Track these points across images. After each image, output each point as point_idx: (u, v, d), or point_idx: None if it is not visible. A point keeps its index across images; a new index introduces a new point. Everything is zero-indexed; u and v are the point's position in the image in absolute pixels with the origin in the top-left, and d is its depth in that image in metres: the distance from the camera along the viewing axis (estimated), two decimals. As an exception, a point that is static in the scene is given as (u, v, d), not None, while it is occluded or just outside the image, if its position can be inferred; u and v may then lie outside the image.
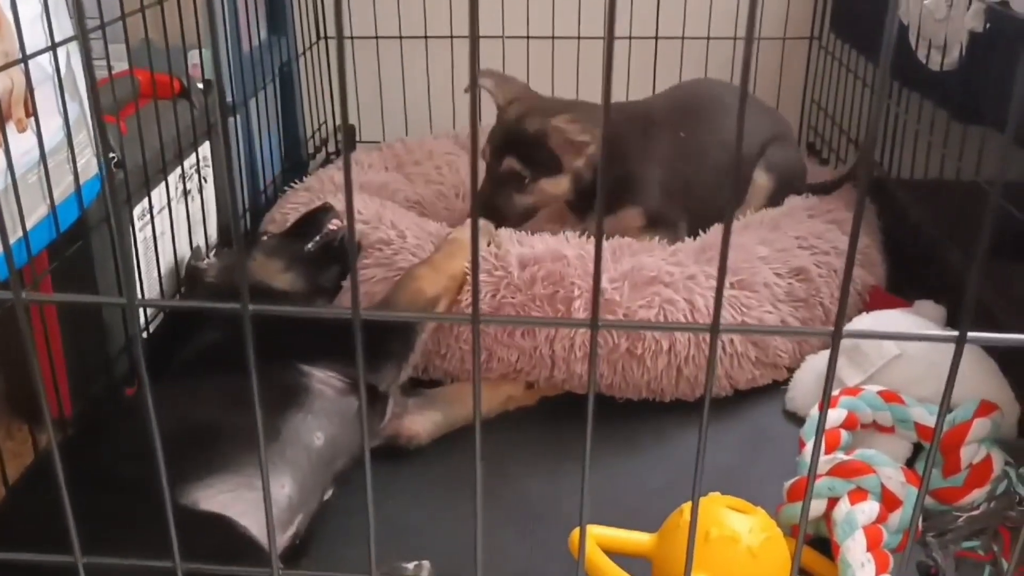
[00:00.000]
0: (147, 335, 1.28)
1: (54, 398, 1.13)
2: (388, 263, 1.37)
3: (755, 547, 0.87)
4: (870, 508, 0.95)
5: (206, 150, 1.48)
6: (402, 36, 2.01)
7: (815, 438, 0.49)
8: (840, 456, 1.01)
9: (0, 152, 0.88)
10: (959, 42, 1.29)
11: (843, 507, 0.95)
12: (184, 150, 1.36)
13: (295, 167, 1.90)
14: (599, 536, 0.93)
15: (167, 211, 1.33)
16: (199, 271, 1.30)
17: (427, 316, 1.35)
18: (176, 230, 1.37)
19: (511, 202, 1.46)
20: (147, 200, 1.26)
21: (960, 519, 1.00)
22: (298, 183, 1.71)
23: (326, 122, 2.06)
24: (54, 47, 0.96)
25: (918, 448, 1.12)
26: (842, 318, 0.45)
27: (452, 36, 1.96)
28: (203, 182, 1.47)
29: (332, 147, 2.09)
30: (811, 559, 0.98)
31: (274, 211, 1.60)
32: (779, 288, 1.36)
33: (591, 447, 0.48)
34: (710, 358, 0.46)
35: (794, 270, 1.38)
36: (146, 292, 1.28)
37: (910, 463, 1.10)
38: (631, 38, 1.89)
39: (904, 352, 1.19)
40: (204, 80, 1.47)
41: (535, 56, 1.96)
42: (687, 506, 0.91)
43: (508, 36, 1.94)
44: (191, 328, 1.15)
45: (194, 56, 1.50)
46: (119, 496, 0.82)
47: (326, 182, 1.67)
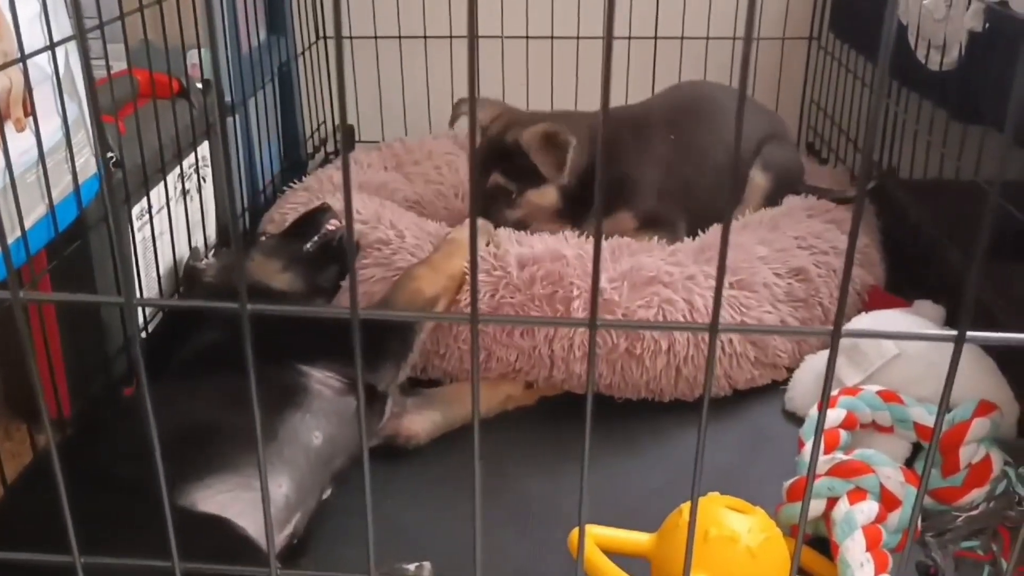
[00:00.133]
0: (146, 335, 1.28)
1: (52, 398, 1.13)
2: (387, 263, 1.37)
3: (754, 547, 0.87)
4: (869, 508, 0.95)
5: (205, 150, 1.48)
6: (401, 36, 2.01)
7: (814, 438, 0.49)
8: (839, 456, 1.01)
9: (-1, 152, 0.88)
10: (958, 42, 1.29)
11: (842, 507, 0.95)
12: (183, 150, 1.36)
13: (294, 167, 1.90)
14: (598, 536, 0.93)
15: (166, 211, 1.33)
16: (197, 271, 1.30)
17: (426, 316, 1.35)
18: (175, 230, 1.37)
19: (502, 218, 1.46)
20: (146, 200, 1.26)
21: (959, 519, 1.00)
22: (297, 183, 1.71)
23: (325, 122, 2.06)
24: (53, 47, 0.96)
25: (917, 448, 1.12)
26: (841, 318, 0.45)
27: (451, 36, 1.96)
28: (202, 182, 1.47)
29: (331, 147, 2.09)
30: (810, 559, 0.97)
31: (273, 211, 1.60)
32: (778, 288, 1.36)
33: (590, 447, 0.48)
34: (709, 358, 0.46)
35: (793, 270, 1.38)
36: (145, 292, 1.28)
37: (909, 463, 1.10)
38: (630, 38, 1.89)
39: (903, 352, 1.19)
40: (203, 80, 1.47)
41: (534, 56, 1.96)
42: (686, 506, 0.91)
43: (507, 36, 1.94)
44: (189, 328, 1.15)
45: (193, 56, 1.50)
46: (117, 496, 0.82)
47: (325, 182, 1.67)
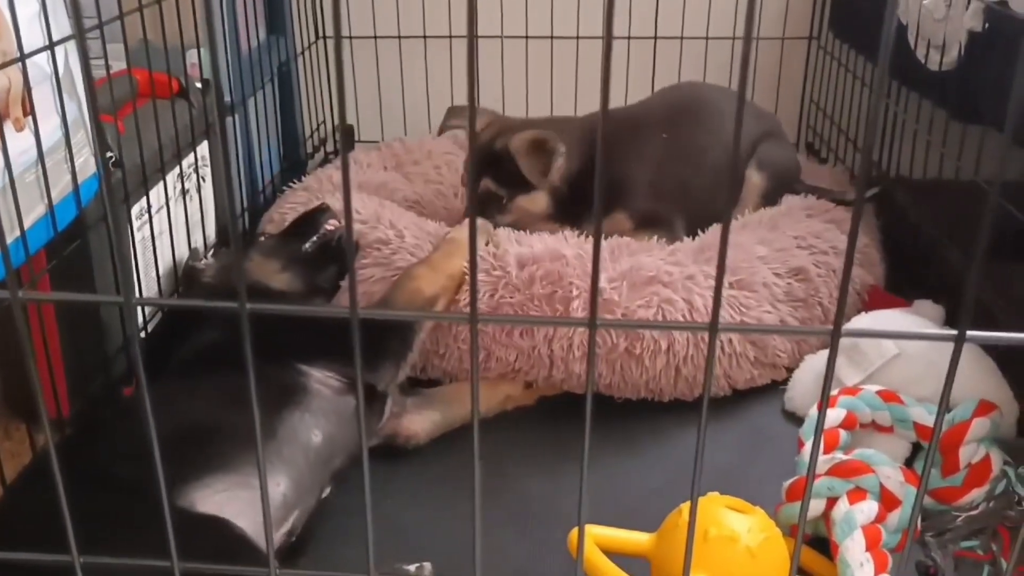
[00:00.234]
0: (145, 335, 1.28)
1: (52, 398, 1.13)
2: (386, 263, 1.37)
3: (754, 547, 0.87)
4: (869, 508, 0.95)
5: (204, 150, 1.48)
6: (401, 36, 2.00)
7: (814, 438, 0.49)
8: (839, 456, 1.01)
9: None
10: (958, 41, 1.29)
11: (842, 507, 0.95)
12: (182, 150, 1.35)
13: (293, 167, 1.90)
14: (598, 536, 0.93)
15: (165, 211, 1.33)
16: (196, 271, 1.30)
17: (425, 315, 1.35)
18: (174, 230, 1.37)
19: (492, 223, 1.45)
20: (145, 200, 1.26)
21: (959, 519, 1.00)
22: (296, 183, 1.71)
23: (325, 122, 2.06)
24: (52, 46, 0.96)
25: (917, 447, 1.12)
26: (841, 317, 0.45)
27: (451, 36, 1.96)
28: (201, 182, 1.47)
29: (331, 147, 2.09)
30: (810, 559, 0.97)
31: (272, 211, 1.60)
32: (778, 288, 1.36)
33: (590, 447, 0.48)
34: (708, 357, 0.46)
35: (793, 270, 1.38)
36: (144, 292, 1.28)
37: (909, 463, 1.10)
38: (630, 38, 1.89)
39: (903, 352, 1.19)
40: (202, 80, 1.47)
41: (534, 56, 1.96)
42: (686, 506, 0.91)
43: (507, 36, 1.94)
44: (189, 328, 1.15)
45: (192, 56, 1.50)
46: (116, 496, 0.82)
47: (324, 182, 1.67)
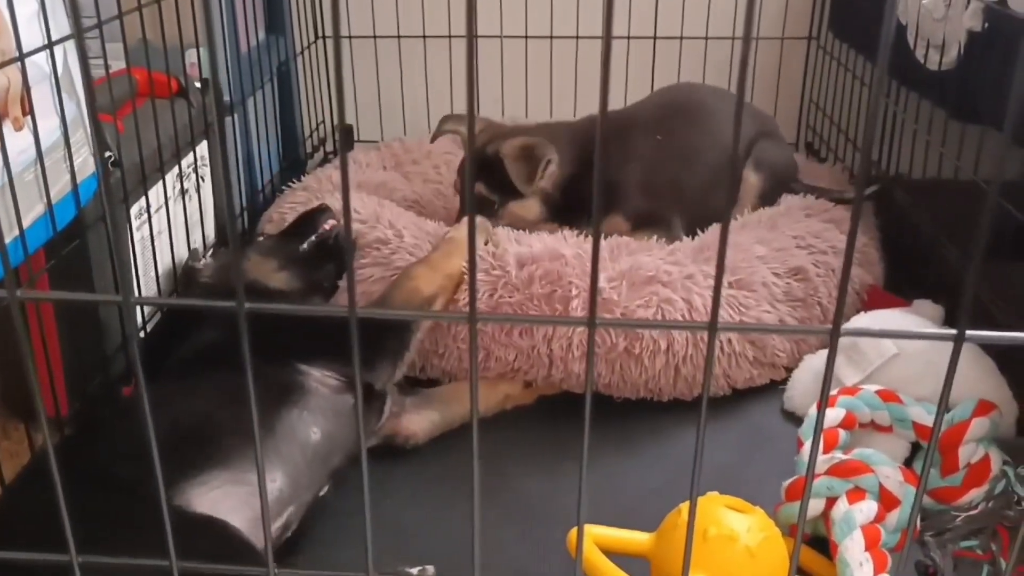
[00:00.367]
0: (144, 335, 1.28)
1: (50, 397, 1.13)
2: (385, 262, 1.37)
3: (753, 546, 0.87)
4: (868, 507, 0.95)
5: (204, 149, 1.47)
6: (400, 36, 2.00)
7: (813, 437, 0.49)
8: (838, 455, 1.01)
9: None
10: (957, 41, 1.29)
11: (841, 506, 0.95)
12: (181, 149, 1.35)
13: (293, 166, 1.90)
14: (597, 535, 0.93)
15: (164, 210, 1.32)
16: (195, 271, 1.30)
17: (424, 315, 1.35)
18: (173, 229, 1.36)
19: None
20: (144, 199, 1.26)
21: (958, 518, 1.00)
22: (296, 182, 1.71)
23: (324, 121, 2.06)
24: (51, 45, 0.96)
25: (916, 447, 1.12)
26: (840, 317, 0.45)
27: (450, 36, 1.96)
28: (200, 181, 1.47)
29: (330, 146, 2.09)
30: (809, 558, 0.97)
31: (272, 210, 1.60)
32: (777, 288, 1.36)
33: (589, 447, 0.48)
34: (708, 356, 0.46)
35: (792, 269, 1.38)
36: (143, 291, 1.28)
37: (908, 462, 1.10)
38: (629, 38, 1.89)
39: (902, 351, 1.19)
40: (201, 79, 1.47)
41: (533, 56, 1.96)
42: (685, 505, 0.91)
43: (506, 36, 1.94)
44: (187, 328, 1.15)
45: (192, 55, 1.50)
46: (114, 496, 0.82)
47: (324, 181, 1.67)
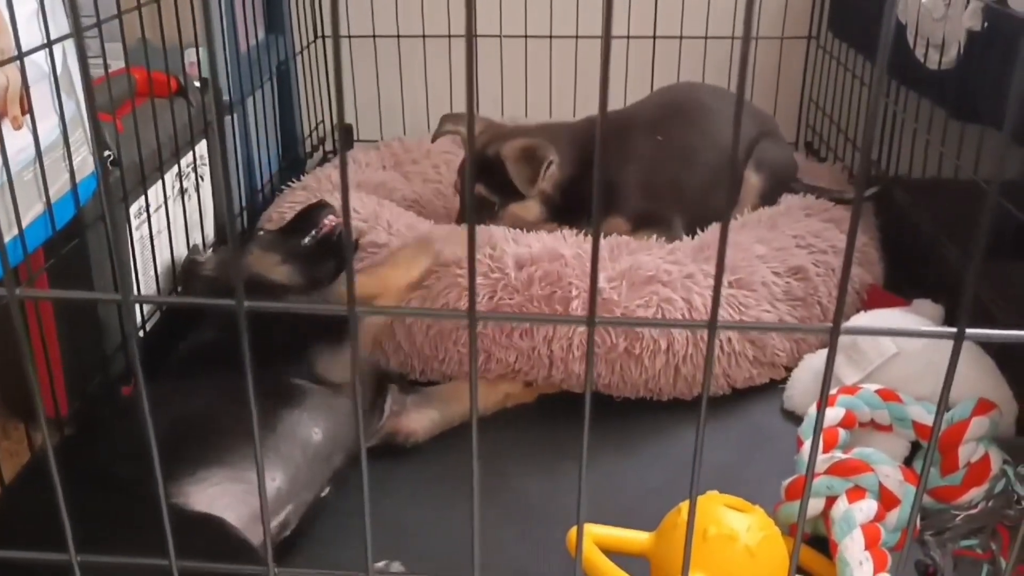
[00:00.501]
0: (143, 334, 1.27)
1: (50, 397, 1.13)
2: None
3: (753, 546, 0.87)
4: (868, 506, 0.94)
5: (203, 148, 1.47)
6: (400, 35, 2.00)
7: (813, 436, 0.49)
8: (838, 455, 1.00)
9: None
10: (957, 41, 1.29)
11: (841, 505, 0.95)
12: (181, 148, 1.35)
13: (292, 166, 1.90)
14: (597, 535, 0.93)
15: (164, 210, 1.32)
16: (197, 264, 1.30)
17: (423, 312, 1.35)
18: (173, 229, 1.36)
19: None
20: (144, 199, 1.26)
21: (958, 518, 1.00)
22: (295, 182, 1.71)
23: (323, 121, 2.06)
24: (50, 44, 0.96)
25: (916, 446, 1.12)
26: (840, 315, 0.45)
27: (450, 35, 1.95)
28: (200, 181, 1.47)
29: (329, 146, 2.09)
30: (809, 558, 0.97)
31: (271, 210, 1.60)
32: (777, 287, 1.36)
33: (589, 446, 0.48)
34: (708, 355, 0.46)
35: (792, 269, 1.38)
36: (143, 291, 1.28)
37: (908, 461, 1.10)
38: (629, 37, 1.89)
39: (902, 350, 1.19)
40: (201, 78, 1.47)
41: (533, 55, 1.96)
42: (685, 504, 0.91)
43: (506, 35, 1.94)
44: (187, 324, 1.15)
45: (191, 54, 1.50)
46: (113, 495, 0.82)
47: (323, 181, 1.67)
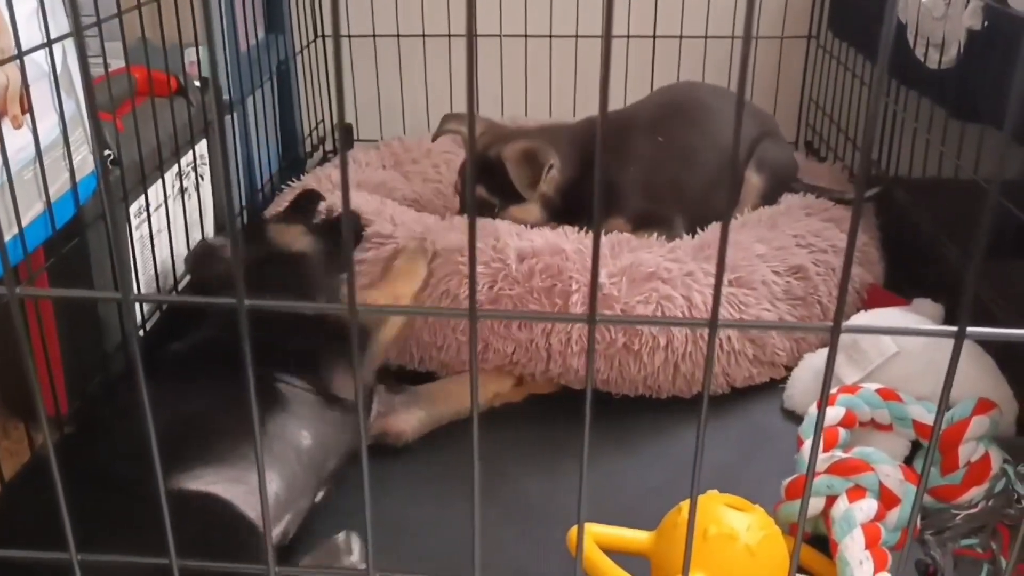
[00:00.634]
0: (143, 334, 1.27)
1: (50, 396, 1.13)
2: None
3: (753, 545, 0.87)
4: (868, 506, 0.94)
5: (203, 148, 1.47)
6: (400, 35, 2.00)
7: (813, 436, 0.49)
8: (838, 454, 1.01)
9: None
10: (957, 40, 1.29)
11: (841, 505, 0.95)
12: (181, 148, 1.35)
13: (292, 165, 1.90)
14: (597, 534, 0.93)
15: (164, 209, 1.32)
16: (212, 247, 1.29)
17: (424, 311, 1.35)
18: (173, 228, 1.36)
19: None
20: (144, 198, 1.26)
21: (958, 517, 1.00)
22: (295, 181, 1.71)
23: (323, 120, 2.06)
24: (50, 44, 0.96)
25: (916, 446, 1.12)
26: (840, 314, 0.45)
27: (450, 35, 1.95)
28: (200, 180, 1.47)
29: (329, 145, 2.09)
30: (809, 557, 0.97)
31: (271, 209, 1.60)
32: (777, 286, 1.36)
33: (588, 445, 0.48)
34: (708, 353, 0.46)
35: (792, 268, 1.38)
36: (142, 290, 1.28)
37: (908, 461, 1.10)
38: (629, 37, 1.89)
39: (902, 350, 1.19)
40: (201, 78, 1.47)
41: (533, 54, 1.96)
42: (685, 504, 0.91)
43: (506, 35, 1.94)
44: (187, 322, 1.15)
45: (191, 54, 1.50)
46: (114, 493, 0.82)
47: (323, 180, 1.67)
